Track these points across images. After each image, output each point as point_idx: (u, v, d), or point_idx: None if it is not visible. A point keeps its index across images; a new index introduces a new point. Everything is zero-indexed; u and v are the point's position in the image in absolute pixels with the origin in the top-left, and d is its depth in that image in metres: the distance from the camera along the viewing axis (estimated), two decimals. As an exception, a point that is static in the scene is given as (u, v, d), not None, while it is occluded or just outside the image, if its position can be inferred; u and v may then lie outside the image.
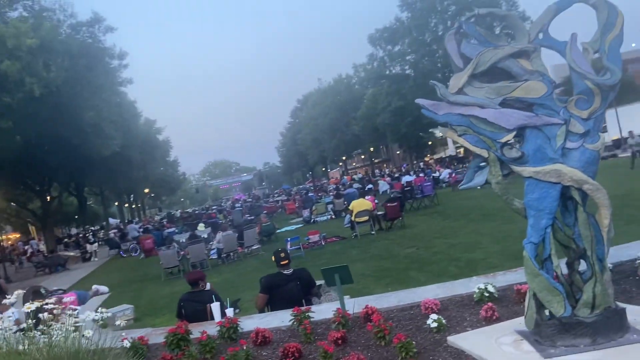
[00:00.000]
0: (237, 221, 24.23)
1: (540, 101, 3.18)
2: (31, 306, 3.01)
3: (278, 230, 20.20)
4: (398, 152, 63.30)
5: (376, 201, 17.41)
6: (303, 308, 4.43)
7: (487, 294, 4.17)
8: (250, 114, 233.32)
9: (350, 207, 15.48)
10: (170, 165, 60.31)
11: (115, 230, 35.22)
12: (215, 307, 5.32)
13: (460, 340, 3.45)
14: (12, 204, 31.72)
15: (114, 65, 25.77)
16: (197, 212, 48.00)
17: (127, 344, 4.02)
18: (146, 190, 53.98)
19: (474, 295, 4.25)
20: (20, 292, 4.05)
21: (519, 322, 3.48)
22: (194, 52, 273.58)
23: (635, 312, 3.23)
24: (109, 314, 3.71)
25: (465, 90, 3.25)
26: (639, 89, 34.61)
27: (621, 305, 3.19)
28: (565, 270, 3.32)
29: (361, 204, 15.12)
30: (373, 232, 15.04)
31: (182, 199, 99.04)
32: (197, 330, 4.37)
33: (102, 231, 41.97)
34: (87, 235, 36.37)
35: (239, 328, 4.45)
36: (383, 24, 41.17)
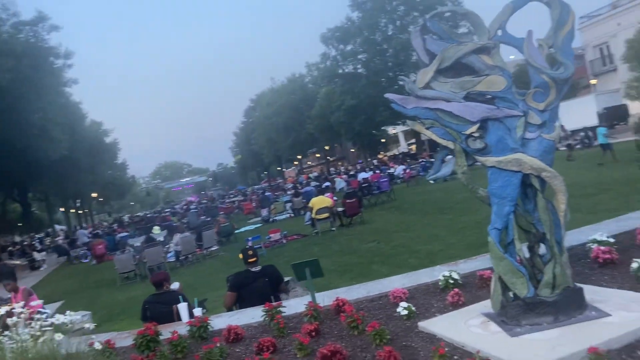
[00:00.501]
0: (193, 223, 23.82)
1: (501, 94, 3.34)
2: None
3: (237, 231, 20.04)
4: (352, 150, 63.90)
5: (335, 198, 17.60)
6: (274, 303, 4.45)
7: (451, 281, 4.32)
8: (201, 115, 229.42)
9: (310, 204, 15.58)
10: (118, 168, 58.44)
11: (63, 237, 33.79)
12: (182, 307, 5.24)
13: (431, 325, 3.58)
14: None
15: (59, 65, 24.82)
16: (149, 215, 46.67)
17: (98, 346, 3.91)
18: (94, 195, 51.98)
19: (439, 283, 4.39)
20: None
21: (484, 305, 3.65)
22: (142, 53, 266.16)
23: (591, 292, 3.44)
24: (78, 317, 3.60)
25: (432, 85, 3.37)
26: (576, 85, 36.46)
27: (579, 285, 3.41)
28: (527, 254, 3.51)
29: (321, 201, 15.26)
30: (334, 229, 15.19)
31: (131, 203, 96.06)
32: (166, 331, 4.31)
33: (49, 238, 40.21)
34: (34, 242, 34.68)
35: (209, 327, 4.42)
36: (335, 23, 41.60)
